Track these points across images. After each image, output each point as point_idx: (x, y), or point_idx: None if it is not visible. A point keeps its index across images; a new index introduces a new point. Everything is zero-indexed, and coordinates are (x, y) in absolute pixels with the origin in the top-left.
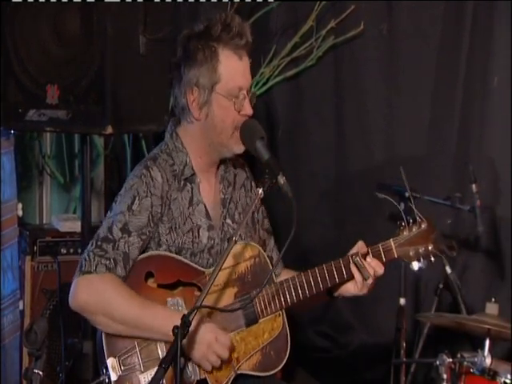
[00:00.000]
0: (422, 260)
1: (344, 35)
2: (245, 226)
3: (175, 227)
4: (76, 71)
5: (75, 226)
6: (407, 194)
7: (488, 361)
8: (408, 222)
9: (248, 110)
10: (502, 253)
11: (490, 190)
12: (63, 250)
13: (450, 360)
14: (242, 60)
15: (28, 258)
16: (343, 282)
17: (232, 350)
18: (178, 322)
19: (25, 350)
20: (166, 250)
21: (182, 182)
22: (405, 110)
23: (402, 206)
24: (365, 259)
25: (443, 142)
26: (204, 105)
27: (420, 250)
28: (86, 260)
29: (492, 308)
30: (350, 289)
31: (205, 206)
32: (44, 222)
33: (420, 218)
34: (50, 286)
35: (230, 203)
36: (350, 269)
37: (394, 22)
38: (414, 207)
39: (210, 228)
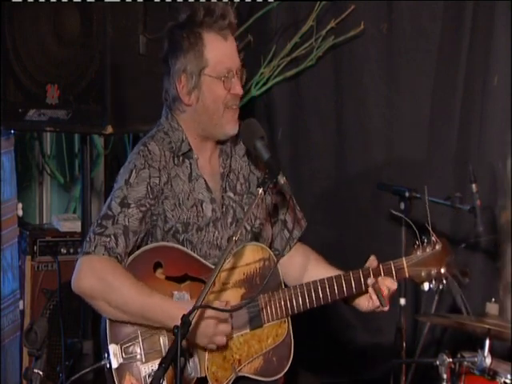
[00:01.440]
0: (433, 281)
1: (344, 35)
2: (246, 195)
3: (179, 203)
4: (76, 71)
5: (75, 225)
6: (407, 195)
7: (488, 361)
8: (422, 242)
9: (238, 88)
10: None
11: (489, 189)
12: (63, 250)
13: (450, 360)
14: (228, 40)
15: (28, 257)
16: (354, 295)
17: (234, 351)
18: (177, 311)
19: (25, 350)
20: (172, 227)
21: (181, 158)
22: (405, 109)
23: (402, 206)
24: (375, 276)
25: (443, 141)
26: (193, 89)
27: (432, 272)
28: (87, 241)
29: (492, 308)
30: (364, 305)
31: (204, 180)
32: (44, 221)
33: (435, 239)
34: (50, 285)
35: (229, 175)
36: (360, 284)
37: (393, 22)
38: (430, 228)
39: (212, 201)
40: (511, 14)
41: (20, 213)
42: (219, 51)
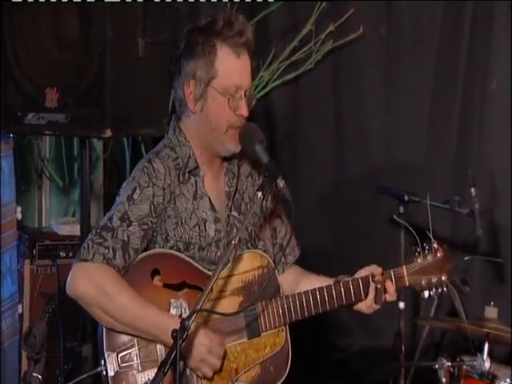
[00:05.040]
0: (433, 289)
1: (343, 39)
2: (251, 215)
3: (181, 222)
4: (75, 74)
5: (74, 229)
6: (406, 198)
7: (487, 364)
8: (423, 249)
9: (243, 110)
10: (501, 256)
11: (488, 193)
12: (62, 254)
13: (449, 363)
14: (240, 58)
15: (27, 261)
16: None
17: (231, 360)
18: (172, 326)
19: (24, 354)
20: (173, 246)
21: (186, 176)
22: (404, 113)
23: (401, 209)
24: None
25: (442, 144)
26: (199, 98)
27: (432, 280)
28: (84, 248)
29: (491, 312)
30: (358, 306)
31: (209, 199)
32: (43, 225)
33: (436, 246)
34: (49, 289)
35: (235, 195)
36: (360, 292)
37: (392, 25)
38: (431, 235)
39: (216, 221)
40: (511, 14)
41: (19, 216)
42: (229, 66)
